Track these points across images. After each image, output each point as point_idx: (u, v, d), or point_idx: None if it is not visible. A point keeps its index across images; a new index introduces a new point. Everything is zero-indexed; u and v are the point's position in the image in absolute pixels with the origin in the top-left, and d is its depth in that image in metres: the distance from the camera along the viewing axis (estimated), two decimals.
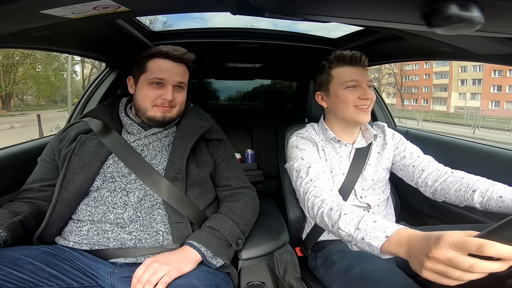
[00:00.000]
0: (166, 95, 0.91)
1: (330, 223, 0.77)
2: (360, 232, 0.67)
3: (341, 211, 0.75)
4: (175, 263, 0.73)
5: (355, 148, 1.05)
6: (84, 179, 0.85)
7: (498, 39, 0.74)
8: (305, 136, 1.04)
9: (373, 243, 0.62)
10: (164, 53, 0.93)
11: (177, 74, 0.94)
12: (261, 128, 2.28)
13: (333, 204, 0.80)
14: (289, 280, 0.88)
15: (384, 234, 0.61)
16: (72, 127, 0.96)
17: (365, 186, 1.03)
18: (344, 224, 0.72)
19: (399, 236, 0.59)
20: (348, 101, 0.99)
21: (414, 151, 1.08)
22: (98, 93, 1.49)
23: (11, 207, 0.85)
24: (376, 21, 0.57)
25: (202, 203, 0.92)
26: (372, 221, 0.67)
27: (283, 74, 2.72)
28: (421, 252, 0.51)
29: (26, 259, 0.70)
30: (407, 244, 0.56)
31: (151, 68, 0.92)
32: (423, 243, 0.52)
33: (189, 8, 0.76)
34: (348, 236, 0.70)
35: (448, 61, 15.61)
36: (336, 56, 1.01)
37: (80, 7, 0.61)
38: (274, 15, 0.55)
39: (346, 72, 1.00)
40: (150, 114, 0.92)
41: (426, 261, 0.49)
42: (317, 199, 0.85)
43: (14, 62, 15.66)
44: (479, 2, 0.41)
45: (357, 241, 0.67)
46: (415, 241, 0.54)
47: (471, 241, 0.45)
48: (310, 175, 0.93)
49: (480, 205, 0.85)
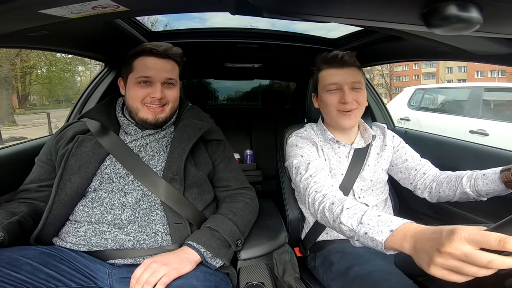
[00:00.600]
0: (155, 93, 0.89)
1: (332, 218, 0.74)
2: (363, 226, 0.64)
3: (343, 205, 0.72)
4: (174, 263, 0.73)
5: (354, 149, 1.05)
6: (81, 180, 0.84)
7: (497, 40, 0.74)
8: (304, 136, 1.04)
9: (377, 238, 0.59)
10: (148, 50, 0.91)
11: (164, 70, 0.91)
12: (260, 128, 2.28)
13: (335, 198, 0.77)
14: (288, 280, 0.88)
15: (388, 228, 0.58)
16: (69, 127, 0.96)
17: (364, 186, 1.03)
18: (346, 219, 0.69)
19: (404, 230, 0.56)
20: (330, 105, 0.98)
21: (415, 154, 1.09)
22: (96, 93, 1.48)
23: (8, 208, 0.84)
24: (375, 22, 0.57)
25: (201, 203, 0.91)
26: (376, 216, 0.64)
27: (282, 74, 2.72)
28: (431, 246, 0.47)
29: (24, 260, 0.69)
30: (413, 238, 0.53)
31: (137, 67, 0.91)
32: (433, 236, 0.48)
33: (188, 8, 0.76)
34: (351, 231, 0.67)
35: (435, 61, 15.53)
36: (322, 57, 1.01)
37: (79, 6, 0.61)
38: (273, 15, 0.55)
39: (328, 75, 0.99)
40: (142, 115, 0.91)
41: (437, 257, 0.45)
42: (318, 194, 0.83)
43: (31, 65, 16.65)
44: (478, 2, 0.41)
45: (360, 236, 0.64)
46: (423, 235, 0.51)
47: (490, 235, 0.42)
48: (310, 171, 0.91)
49: (470, 189, 0.89)
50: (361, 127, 1.09)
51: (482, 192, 0.87)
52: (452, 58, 1.08)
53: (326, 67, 1.00)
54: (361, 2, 0.48)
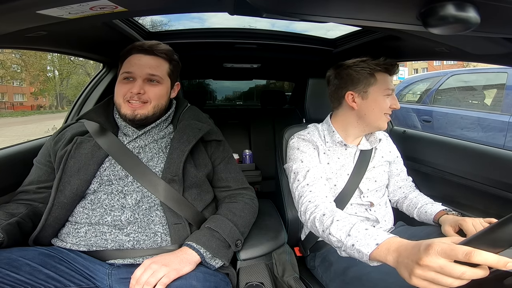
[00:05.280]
0: (134, 88, 0.88)
1: (321, 228, 0.79)
2: (351, 238, 0.68)
3: (334, 217, 0.76)
4: (174, 264, 0.72)
5: (360, 150, 1.06)
6: (81, 182, 0.84)
7: (494, 39, 0.74)
8: (306, 138, 1.04)
9: (363, 250, 0.64)
10: (136, 47, 0.92)
11: (147, 66, 0.90)
12: (259, 129, 2.28)
13: (326, 210, 0.82)
14: (288, 280, 0.88)
15: (374, 241, 0.63)
16: (68, 128, 0.95)
17: (370, 187, 1.04)
18: (335, 230, 0.73)
19: (388, 244, 0.61)
20: (384, 108, 0.99)
21: (403, 170, 1.18)
22: (95, 94, 1.48)
23: (7, 209, 0.84)
24: (373, 21, 0.57)
25: (200, 204, 0.91)
26: (364, 229, 0.68)
27: (281, 74, 2.72)
28: (411, 260, 0.52)
29: (23, 260, 0.69)
30: (396, 252, 0.58)
31: (124, 64, 0.92)
32: (413, 251, 0.53)
33: (187, 8, 0.76)
34: (338, 241, 0.72)
35: (406, 63, 15.60)
36: (385, 62, 0.98)
37: (77, 7, 0.61)
38: (272, 15, 0.55)
39: (389, 80, 1.00)
40: (123, 111, 0.90)
41: (417, 269, 0.51)
42: (310, 204, 0.87)
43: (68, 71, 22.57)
44: (475, 2, 0.41)
45: (347, 247, 0.69)
46: (404, 249, 0.56)
47: (459, 249, 0.47)
48: (307, 180, 0.94)
49: (419, 218, 1.06)
50: None
51: (425, 221, 1.04)
52: (450, 58, 1.09)
53: (386, 71, 0.99)
54: (359, 2, 0.48)
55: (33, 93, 24.93)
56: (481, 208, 1.15)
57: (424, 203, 1.06)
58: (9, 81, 24.25)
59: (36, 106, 25.33)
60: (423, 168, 1.36)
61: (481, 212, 1.14)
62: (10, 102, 25.19)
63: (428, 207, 1.03)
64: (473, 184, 1.16)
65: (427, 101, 3.87)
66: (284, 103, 2.39)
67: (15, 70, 22.79)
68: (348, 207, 1.01)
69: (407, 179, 1.18)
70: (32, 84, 24.43)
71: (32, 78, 23.20)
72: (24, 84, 25.42)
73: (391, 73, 1.01)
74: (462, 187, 1.21)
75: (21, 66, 22.09)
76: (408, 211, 1.12)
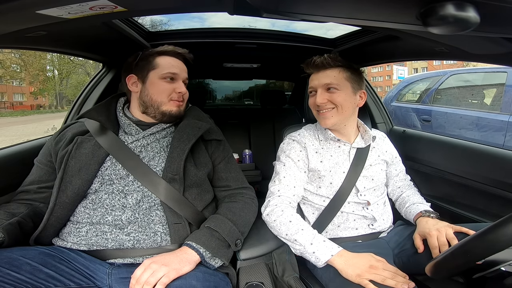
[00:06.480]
0: (181, 88, 0.96)
1: (285, 232, 0.89)
2: (313, 247, 0.84)
3: (299, 227, 0.88)
4: (173, 264, 0.73)
5: (356, 148, 1.06)
6: (82, 182, 0.84)
7: (494, 39, 0.74)
8: (296, 140, 1.06)
9: (321, 258, 0.83)
10: (171, 51, 0.98)
11: (184, 70, 1.00)
12: (259, 128, 2.28)
13: (293, 217, 0.91)
14: (288, 280, 0.88)
15: (330, 252, 0.83)
16: (68, 128, 0.95)
17: (367, 185, 1.04)
18: (301, 238, 0.86)
19: (339, 254, 0.82)
20: (312, 107, 1.05)
21: (402, 170, 1.18)
22: (94, 94, 1.48)
23: (8, 208, 0.84)
24: (372, 21, 0.57)
25: (200, 203, 0.91)
26: (322, 241, 0.86)
27: (281, 74, 2.72)
28: (352, 270, 0.79)
29: (24, 260, 0.69)
30: (344, 260, 0.81)
31: (162, 64, 0.95)
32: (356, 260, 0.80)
33: (187, 8, 0.76)
34: (301, 247, 0.86)
35: (406, 63, 15.84)
36: (304, 64, 1.05)
37: (76, 7, 0.61)
38: (272, 15, 0.55)
39: (310, 80, 1.05)
40: (165, 108, 0.94)
41: (355, 276, 0.77)
42: (277, 208, 0.94)
43: (68, 71, 23.27)
44: (475, 2, 0.41)
45: (307, 253, 0.85)
46: (350, 258, 0.81)
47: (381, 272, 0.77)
48: (283, 183, 1.00)
49: (405, 216, 1.09)
50: (361, 128, 1.09)
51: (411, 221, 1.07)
52: (450, 57, 1.09)
53: (308, 72, 1.06)
54: (359, 2, 0.48)
55: (33, 93, 25.26)
56: (481, 207, 1.15)
57: (412, 203, 1.07)
58: (8, 81, 24.55)
59: (35, 106, 25.64)
60: (422, 168, 1.37)
61: (481, 212, 1.14)
62: (10, 102, 25.42)
63: (412, 208, 1.05)
64: (473, 183, 1.16)
65: (426, 100, 3.87)
66: (284, 103, 2.38)
67: (15, 69, 23.03)
68: (345, 205, 1.01)
69: (406, 178, 1.18)
70: (31, 83, 24.72)
71: (31, 77, 23.51)
72: (23, 83, 25.72)
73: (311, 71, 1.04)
74: (462, 187, 1.21)
75: (21, 66, 22.34)
76: (399, 210, 1.13)
